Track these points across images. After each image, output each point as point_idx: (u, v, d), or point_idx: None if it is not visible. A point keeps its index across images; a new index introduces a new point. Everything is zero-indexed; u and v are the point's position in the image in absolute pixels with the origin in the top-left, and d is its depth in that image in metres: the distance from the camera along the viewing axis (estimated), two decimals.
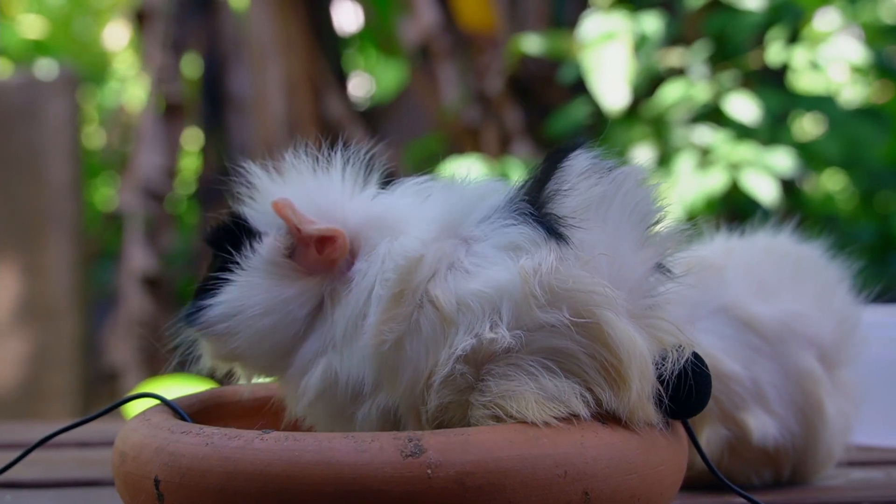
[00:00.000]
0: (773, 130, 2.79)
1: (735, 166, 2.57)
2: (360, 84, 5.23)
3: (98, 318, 4.09)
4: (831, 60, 2.64)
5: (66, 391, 3.43)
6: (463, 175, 0.83)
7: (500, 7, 3.42)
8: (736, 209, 2.75)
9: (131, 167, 4.10)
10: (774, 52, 2.71)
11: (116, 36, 6.30)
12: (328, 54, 4.01)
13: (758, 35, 2.86)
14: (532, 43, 2.95)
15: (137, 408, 0.91)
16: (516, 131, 3.32)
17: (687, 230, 0.80)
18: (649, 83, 2.77)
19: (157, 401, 0.84)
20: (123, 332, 3.86)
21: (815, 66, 2.66)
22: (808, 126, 3.58)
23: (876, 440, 1.22)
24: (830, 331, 1.01)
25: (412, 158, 3.49)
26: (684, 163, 2.63)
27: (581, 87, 2.86)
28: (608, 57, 2.61)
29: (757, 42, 2.88)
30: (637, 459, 0.73)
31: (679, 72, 2.81)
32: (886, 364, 1.22)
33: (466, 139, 3.45)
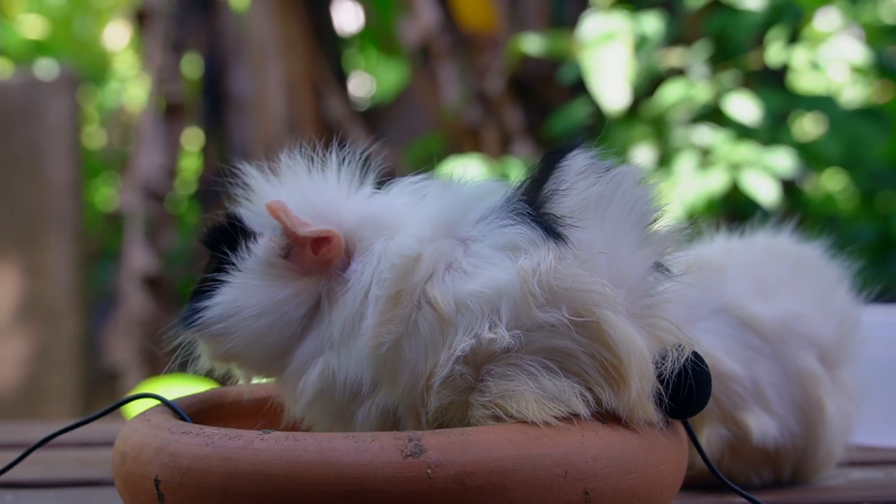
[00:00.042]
0: (774, 130, 2.79)
1: (735, 166, 2.57)
2: (361, 84, 5.23)
3: (98, 318, 4.09)
4: (832, 60, 2.64)
5: (67, 391, 3.43)
6: (460, 175, 0.83)
7: (501, 7, 3.42)
8: (736, 209, 2.75)
9: (131, 167, 4.10)
10: (775, 53, 2.71)
11: (116, 36, 6.30)
12: (328, 54, 4.01)
13: (758, 35, 2.86)
14: (532, 43, 2.95)
15: (138, 408, 0.91)
16: (516, 131, 3.32)
17: (685, 229, 0.80)
18: (649, 83, 2.77)
19: (158, 401, 0.84)
20: (124, 333, 3.86)
21: (816, 67, 2.66)
22: (809, 126, 3.57)
23: (876, 440, 1.22)
24: (830, 331, 1.01)
25: (412, 158, 3.49)
26: (684, 163, 2.62)
27: (581, 87, 2.86)
28: (608, 57, 2.61)
29: (757, 42, 2.88)
30: (637, 459, 0.73)
31: (679, 72, 2.81)
32: (886, 364, 1.22)
33: (467, 139, 3.44)
